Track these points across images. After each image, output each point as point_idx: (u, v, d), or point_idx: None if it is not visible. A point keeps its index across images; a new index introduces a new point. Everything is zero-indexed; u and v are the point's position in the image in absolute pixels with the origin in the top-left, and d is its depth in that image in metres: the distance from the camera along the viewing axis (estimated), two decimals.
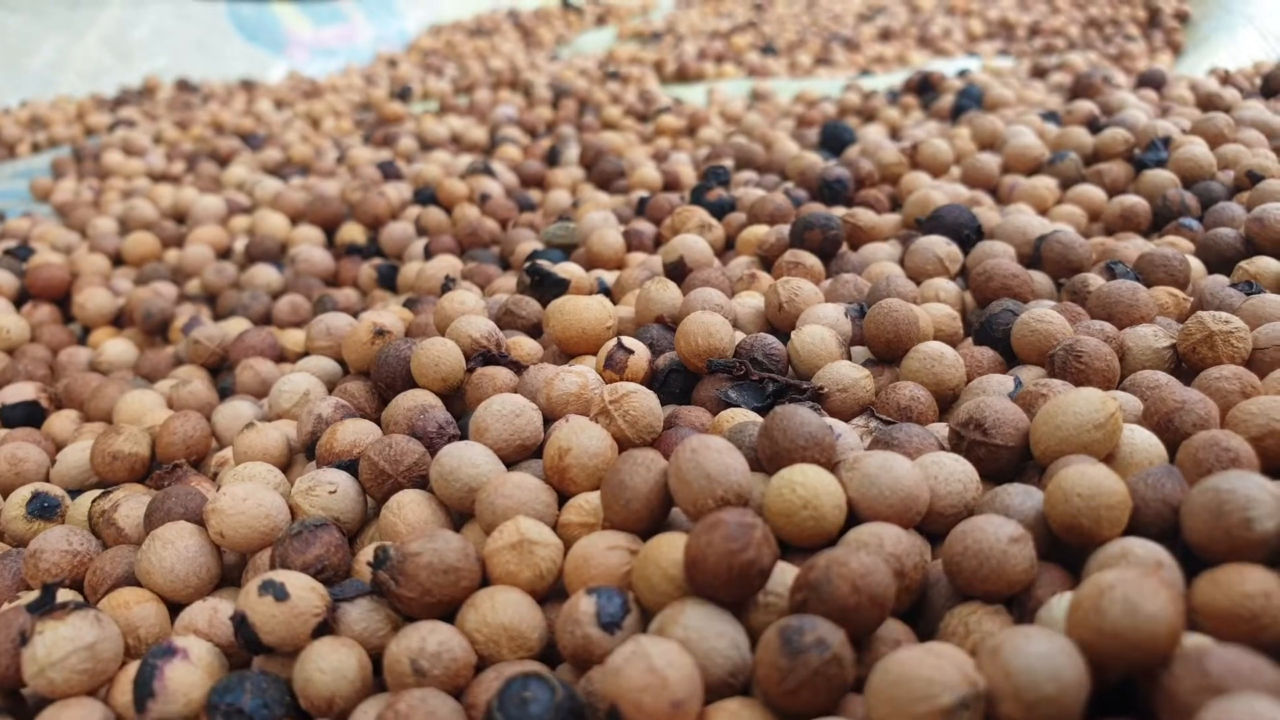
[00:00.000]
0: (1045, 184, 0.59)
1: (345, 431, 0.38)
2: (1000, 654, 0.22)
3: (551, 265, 0.51)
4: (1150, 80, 0.80)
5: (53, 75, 1.45)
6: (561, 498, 0.34)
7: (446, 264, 0.61)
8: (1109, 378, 0.36)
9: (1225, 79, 0.82)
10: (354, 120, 1.13)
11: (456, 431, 0.38)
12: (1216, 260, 0.48)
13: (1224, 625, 0.24)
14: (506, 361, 0.42)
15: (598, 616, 0.27)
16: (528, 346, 0.44)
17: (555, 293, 0.49)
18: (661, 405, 0.38)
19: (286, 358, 0.55)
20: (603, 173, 0.77)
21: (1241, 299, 0.41)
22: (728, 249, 0.58)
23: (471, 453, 0.34)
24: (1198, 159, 0.57)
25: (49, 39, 1.49)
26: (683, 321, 0.40)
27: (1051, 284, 0.48)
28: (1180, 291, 0.44)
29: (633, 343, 0.41)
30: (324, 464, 0.38)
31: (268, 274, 0.65)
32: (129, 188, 0.89)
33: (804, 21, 1.58)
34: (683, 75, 1.26)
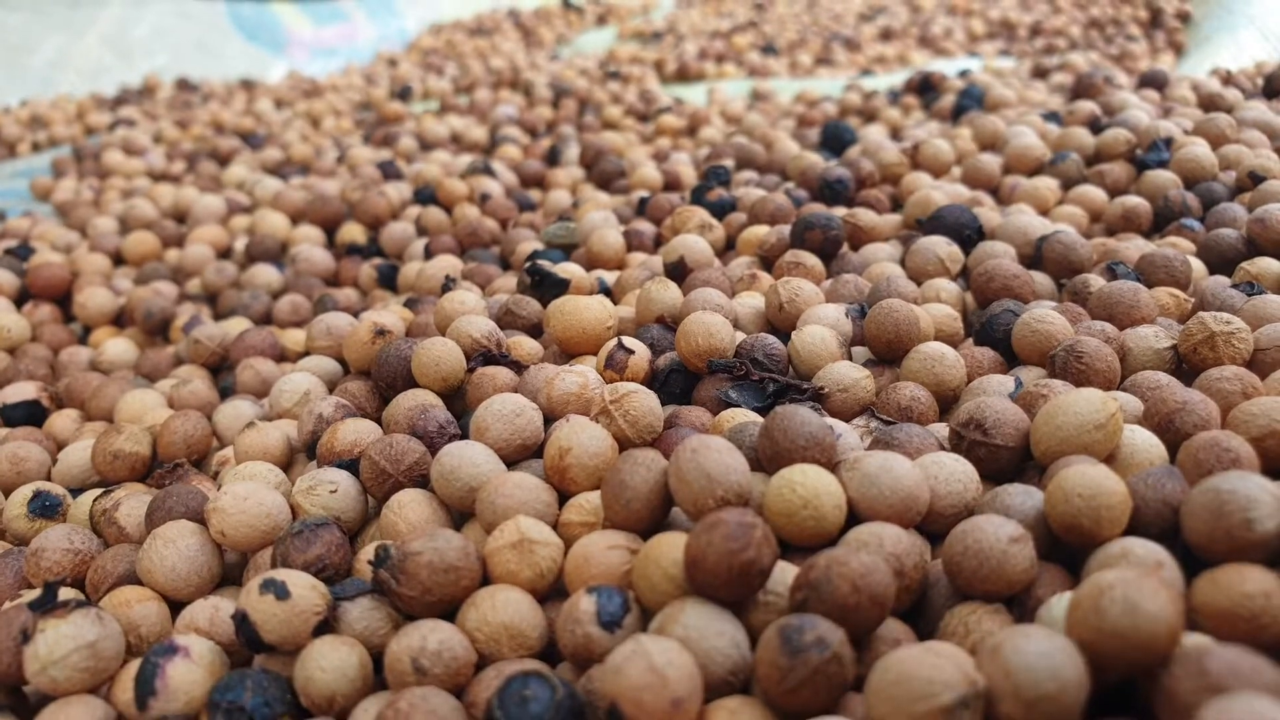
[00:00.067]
0: (1046, 184, 0.59)
1: (346, 431, 0.38)
2: (1000, 653, 0.22)
3: (552, 265, 0.51)
4: (1152, 81, 0.80)
5: (53, 74, 1.45)
6: (562, 497, 0.34)
7: (447, 264, 0.61)
8: (1110, 378, 0.36)
9: (1227, 79, 0.82)
10: (354, 120, 1.13)
11: (457, 431, 0.38)
12: (1218, 261, 0.48)
13: (1224, 625, 0.24)
14: (507, 361, 0.42)
15: (598, 615, 0.27)
16: (528, 346, 0.44)
17: (555, 293, 0.49)
18: (662, 405, 0.38)
19: (287, 357, 0.55)
20: (603, 173, 0.77)
21: (1243, 300, 0.41)
22: (728, 249, 0.58)
23: (472, 452, 0.34)
24: (1199, 159, 0.57)
25: (49, 38, 1.49)
26: (683, 321, 0.40)
27: (1052, 284, 0.48)
28: (1181, 292, 0.44)
29: (633, 343, 0.41)
30: (325, 463, 0.38)
31: (268, 273, 0.65)
32: (129, 187, 0.89)
33: (805, 21, 1.58)
34: (683, 75, 1.26)
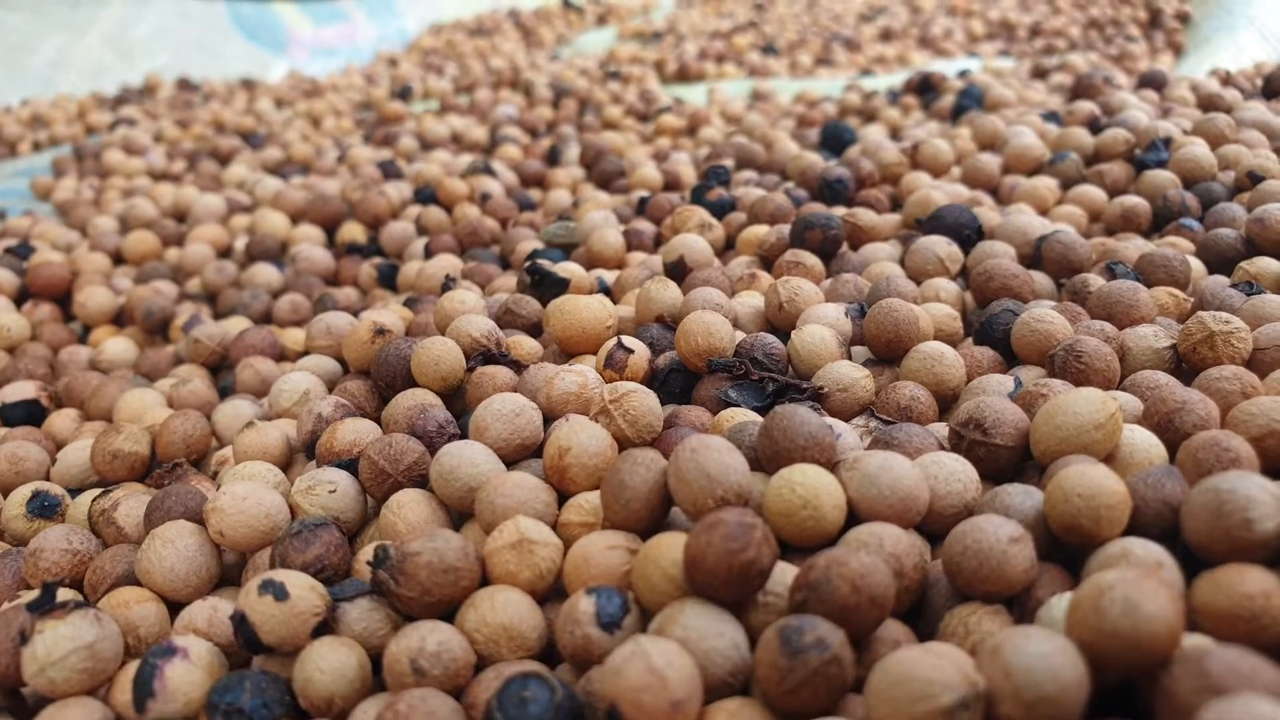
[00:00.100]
0: (1046, 184, 0.59)
1: (345, 431, 0.38)
2: (1000, 654, 0.22)
3: (552, 265, 0.51)
4: (1151, 81, 0.80)
5: (53, 74, 1.45)
6: (561, 497, 0.34)
7: (447, 263, 0.61)
8: (1109, 378, 0.36)
9: (1226, 80, 0.82)
10: (354, 119, 1.13)
11: (456, 431, 0.38)
12: (1217, 261, 0.48)
13: (1224, 625, 0.24)
14: (506, 361, 0.42)
15: (597, 616, 0.27)
16: (528, 346, 0.44)
17: (555, 292, 0.49)
18: (661, 405, 0.38)
19: (287, 357, 0.55)
20: (603, 172, 0.77)
21: (1242, 299, 0.41)
22: (728, 249, 0.58)
23: (471, 452, 0.34)
24: (1198, 159, 0.57)
25: (50, 37, 1.49)
26: (683, 321, 0.40)
27: (1052, 284, 0.48)
28: (1181, 292, 0.44)
29: (633, 342, 0.41)
30: (324, 463, 0.38)
31: (268, 273, 0.65)
32: (129, 186, 0.89)
33: (805, 21, 1.58)
34: (683, 75, 1.26)
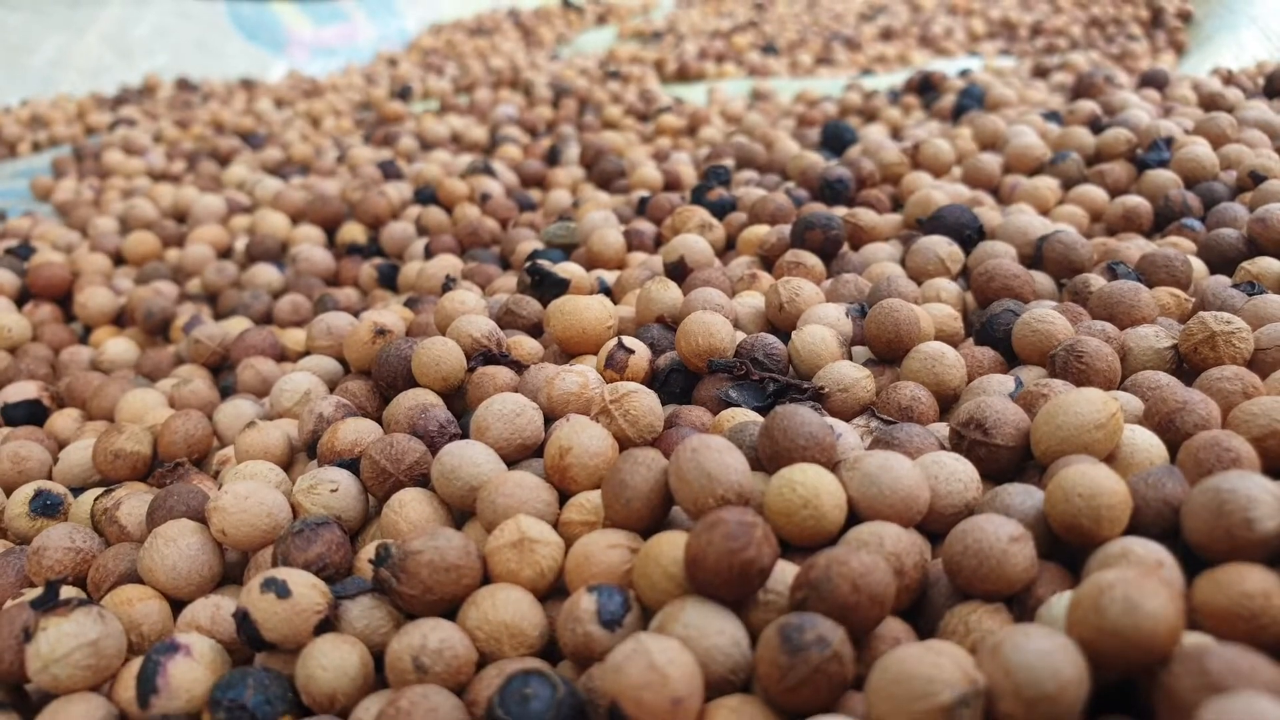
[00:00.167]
0: (1047, 184, 0.59)
1: (346, 430, 0.38)
2: (1000, 652, 0.22)
3: (552, 265, 0.51)
4: (1153, 80, 0.80)
5: (53, 74, 1.45)
6: (562, 496, 0.34)
7: (447, 263, 0.61)
8: (1110, 378, 0.36)
9: (1228, 79, 0.82)
10: (354, 119, 1.13)
11: (457, 430, 0.38)
12: (1219, 261, 0.48)
13: (1224, 624, 0.24)
14: (507, 361, 0.42)
15: (598, 614, 0.27)
16: (528, 346, 0.44)
17: (556, 292, 0.49)
18: (662, 405, 0.38)
19: (287, 357, 0.55)
20: (603, 172, 0.77)
21: (1244, 300, 0.41)
22: (728, 249, 0.58)
23: (472, 451, 0.34)
24: (1200, 159, 0.57)
25: (49, 37, 1.49)
26: (683, 321, 0.40)
27: (1053, 284, 0.48)
28: (1182, 292, 0.44)
29: (633, 342, 0.41)
30: (325, 462, 0.38)
31: (268, 273, 0.65)
32: (129, 187, 0.89)
33: (805, 21, 1.58)
34: (683, 75, 1.26)
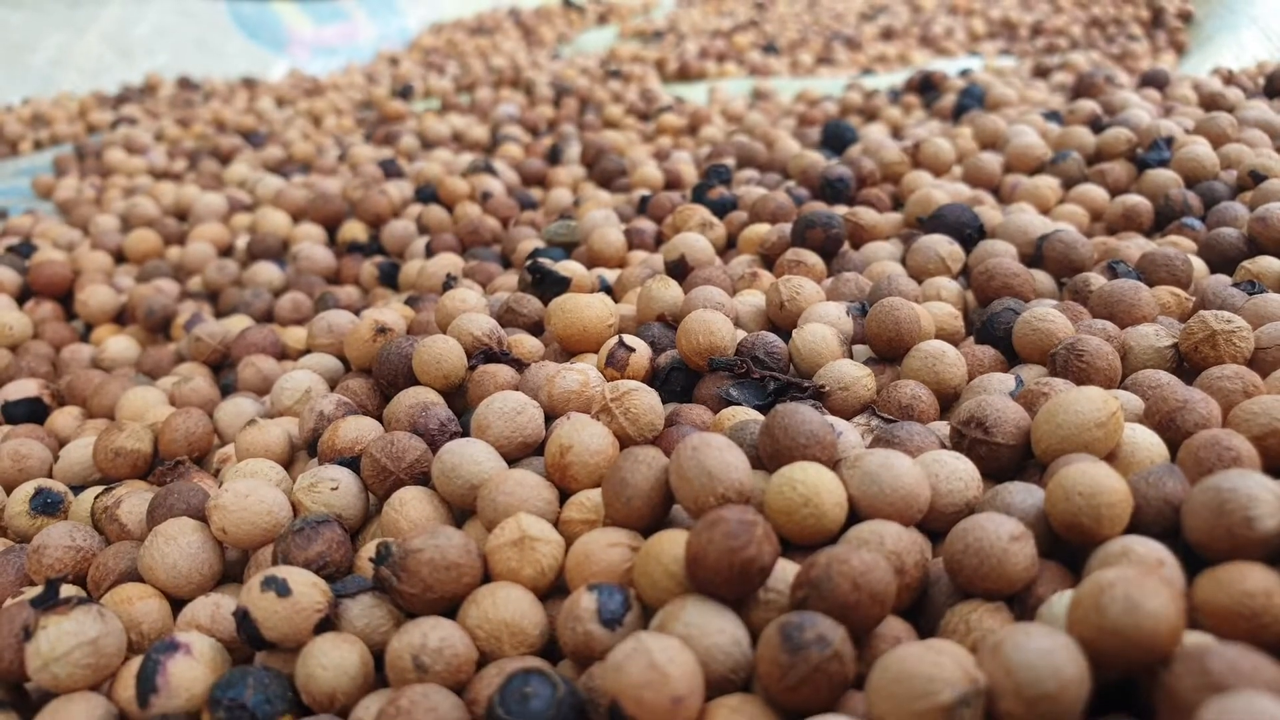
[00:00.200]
0: (1047, 183, 0.59)
1: (347, 428, 0.38)
2: (1001, 651, 0.22)
3: (553, 263, 0.51)
4: (1153, 80, 0.80)
5: (54, 72, 1.45)
6: (563, 495, 0.34)
7: (448, 262, 0.61)
8: (1111, 377, 0.36)
9: (1229, 79, 0.82)
10: (355, 118, 1.13)
11: (458, 429, 0.38)
12: (1219, 260, 0.48)
13: (1225, 623, 0.24)
14: (508, 359, 0.42)
15: (599, 613, 0.27)
16: (529, 344, 0.44)
17: (556, 291, 0.49)
18: (663, 403, 0.38)
19: (288, 355, 0.55)
20: (604, 171, 0.77)
21: (1244, 299, 0.41)
22: (729, 247, 0.58)
23: (473, 450, 0.34)
24: (1200, 159, 0.57)
25: (51, 36, 1.49)
26: (684, 320, 0.40)
27: (1053, 283, 0.48)
28: (1182, 291, 0.44)
29: (634, 341, 0.41)
30: (326, 461, 0.38)
31: (269, 271, 0.65)
32: (131, 185, 0.89)
33: (806, 20, 1.58)
34: (684, 74, 1.26)
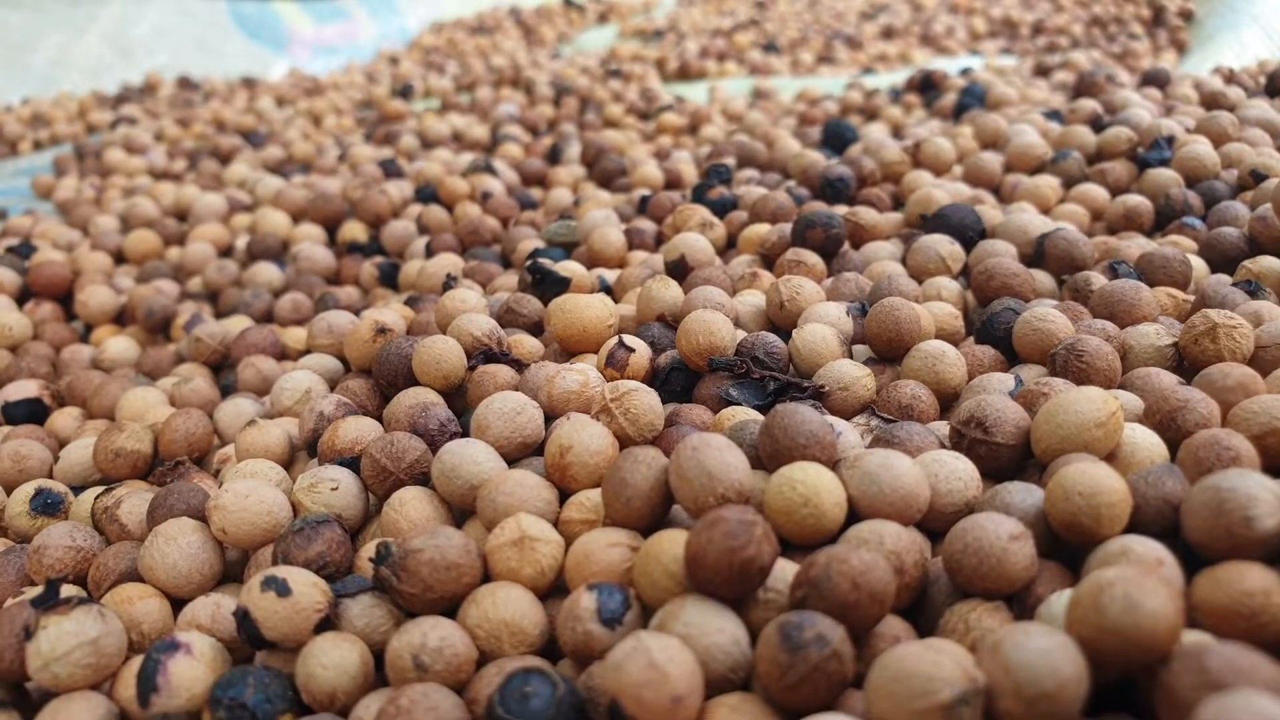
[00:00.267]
0: (1048, 183, 0.59)
1: (347, 429, 0.38)
2: (1000, 650, 0.22)
3: (553, 263, 0.51)
4: (1154, 79, 0.80)
5: (54, 72, 1.45)
6: (563, 495, 0.34)
7: (448, 262, 0.61)
8: (1110, 377, 0.36)
9: (1230, 78, 0.82)
10: (355, 118, 1.13)
11: (458, 429, 0.38)
12: (1220, 259, 0.48)
13: (1223, 622, 0.24)
14: (508, 359, 0.42)
15: (599, 612, 0.27)
16: (529, 344, 0.44)
17: (556, 291, 0.49)
18: (663, 403, 0.38)
19: (288, 355, 0.55)
20: (604, 171, 0.77)
21: (1244, 298, 0.41)
22: (729, 247, 0.58)
23: (473, 450, 0.34)
24: (1201, 158, 0.57)
25: (50, 36, 1.50)
26: (684, 320, 0.40)
27: (1053, 283, 0.48)
28: (1180, 293, 0.44)
29: (634, 341, 0.41)
30: (326, 461, 0.38)
31: (269, 272, 0.65)
32: (131, 185, 0.89)
33: (806, 19, 1.58)
34: (685, 73, 1.26)
